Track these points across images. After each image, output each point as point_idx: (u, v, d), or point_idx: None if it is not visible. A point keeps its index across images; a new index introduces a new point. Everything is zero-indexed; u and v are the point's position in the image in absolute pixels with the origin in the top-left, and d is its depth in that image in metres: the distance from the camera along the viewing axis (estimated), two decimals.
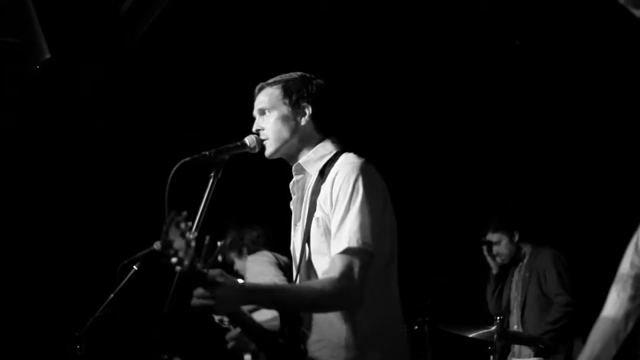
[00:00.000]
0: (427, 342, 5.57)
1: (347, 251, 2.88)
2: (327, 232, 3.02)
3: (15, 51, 5.35)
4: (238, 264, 5.88)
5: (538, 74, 6.64)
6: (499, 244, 6.44)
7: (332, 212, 3.00)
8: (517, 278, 6.41)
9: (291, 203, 3.32)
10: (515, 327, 6.22)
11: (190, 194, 3.22)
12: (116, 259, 4.95)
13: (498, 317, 5.46)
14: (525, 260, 6.40)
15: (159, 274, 5.05)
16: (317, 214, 3.06)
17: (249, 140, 3.19)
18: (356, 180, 2.98)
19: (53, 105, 6.59)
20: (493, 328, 5.39)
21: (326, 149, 3.24)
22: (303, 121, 3.24)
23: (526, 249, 6.42)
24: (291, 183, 3.30)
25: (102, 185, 6.85)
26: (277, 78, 3.30)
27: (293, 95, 3.24)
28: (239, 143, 3.17)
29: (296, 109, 3.24)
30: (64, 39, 5.82)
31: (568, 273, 6.18)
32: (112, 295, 4.85)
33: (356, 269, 2.87)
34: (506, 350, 6.15)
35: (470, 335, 5.51)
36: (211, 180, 3.03)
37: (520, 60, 6.50)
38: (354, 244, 2.88)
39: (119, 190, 6.84)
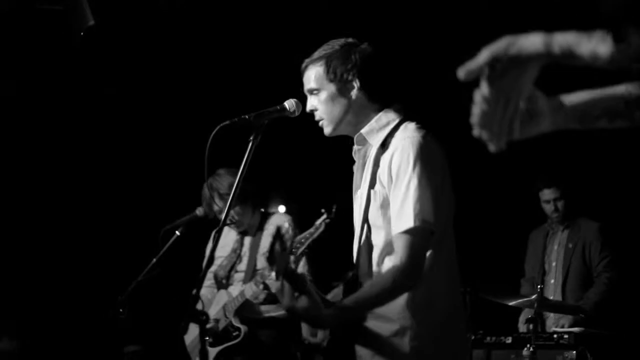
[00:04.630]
0: (468, 311, 5.52)
1: (410, 231, 2.89)
2: (383, 206, 3.01)
3: (59, 18, 5.38)
4: None
5: None
6: (559, 201, 6.14)
7: (391, 188, 2.98)
8: (556, 247, 6.25)
9: (354, 167, 3.27)
10: (551, 297, 6.11)
11: (230, 158, 3.23)
12: (159, 224, 5.00)
13: (539, 286, 5.42)
14: (566, 230, 6.22)
15: (201, 240, 5.12)
16: (376, 187, 3.04)
17: (288, 104, 3.16)
18: (416, 157, 2.93)
19: (97, 70, 6.64)
20: (534, 297, 5.35)
21: (388, 117, 3.13)
22: (354, 95, 3.12)
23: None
24: (354, 149, 3.23)
25: (145, 151, 6.89)
26: (320, 53, 3.16)
27: (337, 71, 3.10)
28: (278, 107, 3.14)
29: (343, 84, 3.11)
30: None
31: (614, 248, 6.07)
32: (154, 260, 4.91)
33: (418, 250, 2.90)
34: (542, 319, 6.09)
35: (511, 304, 5.47)
36: (250, 144, 3.02)
37: None
38: (415, 223, 2.87)
39: (162, 155, 6.87)
